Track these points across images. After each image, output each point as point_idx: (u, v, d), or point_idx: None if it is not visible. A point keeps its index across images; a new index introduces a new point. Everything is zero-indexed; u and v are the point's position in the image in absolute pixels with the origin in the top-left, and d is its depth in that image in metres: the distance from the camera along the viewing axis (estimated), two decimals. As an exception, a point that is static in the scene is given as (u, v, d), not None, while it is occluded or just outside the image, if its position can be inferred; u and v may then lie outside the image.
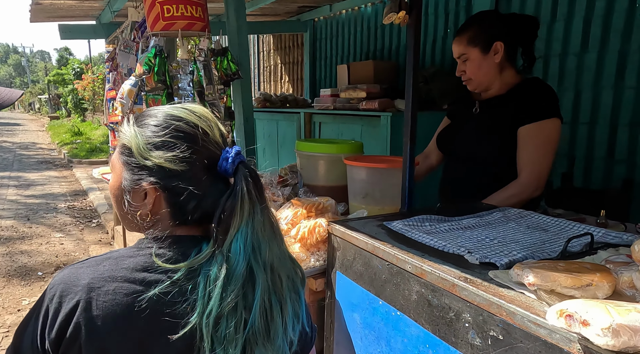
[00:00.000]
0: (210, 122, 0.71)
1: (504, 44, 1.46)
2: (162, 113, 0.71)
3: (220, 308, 0.60)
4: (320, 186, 1.89)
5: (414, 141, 1.37)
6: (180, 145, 0.67)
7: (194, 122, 0.69)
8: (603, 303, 0.55)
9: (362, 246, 1.07)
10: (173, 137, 0.67)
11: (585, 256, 0.94)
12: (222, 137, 0.71)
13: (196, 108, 0.73)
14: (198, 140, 0.68)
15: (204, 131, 0.69)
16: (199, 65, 1.96)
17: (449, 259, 0.93)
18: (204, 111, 0.73)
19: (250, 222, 0.65)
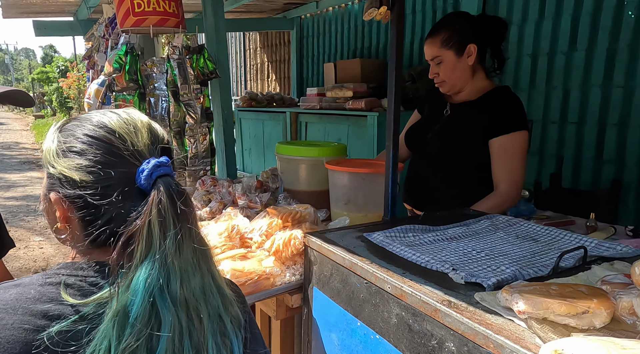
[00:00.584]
0: (136, 128, 0.61)
1: (477, 47, 1.45)
2: (86, 118, 0.62)
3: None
4: (301, 191, 1.80)
5: (397, 145, 1.29)
6: (88, 153, 0.58)
7: (113, 127, 0.60)
8: (604, 342, 0.47)
9: (339, 261, 0.99)
10: (83, 142, 0.58)
11: (579, 272, 0.87)
12: (152, 146, 0.61)
13: (127, 112, 0.63)
14: (112, 148, 0.59)
15: (121, 137, 0.59)
16: (173, 64, 1.85)
17: (432, 278, 0.85)
18: (133, 117, 0.63)
19: (159, 249, 0.54)
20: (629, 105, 2.61)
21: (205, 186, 1.71)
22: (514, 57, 3.21)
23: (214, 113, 2.24)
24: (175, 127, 1.92)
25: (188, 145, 1.95)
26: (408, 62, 4.11)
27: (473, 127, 1.48)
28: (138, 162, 0.58)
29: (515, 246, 1.09)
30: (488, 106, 1.46)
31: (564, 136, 2.98)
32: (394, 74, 1.23)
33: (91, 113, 0.63)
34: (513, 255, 1.02)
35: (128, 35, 1.79)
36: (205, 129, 1.98)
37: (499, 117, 1.43)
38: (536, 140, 3.15)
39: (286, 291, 1.14)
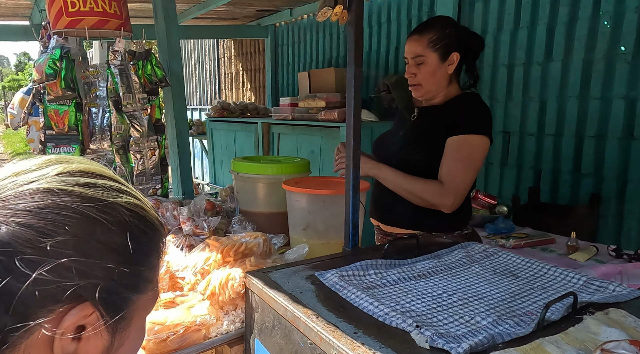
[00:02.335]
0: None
1: (459, 56, 1.39)
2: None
3: None
4: (258, 213, 1.61)
5: (358, 164, 1.12)
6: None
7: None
8: None
9: (281, 312, 0.81)
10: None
11: (569, 327, 0.71)
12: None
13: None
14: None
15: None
16: (114, 71, 1.64)
17: (391, 340, 0.67)
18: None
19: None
20: (606, 117, 2.54)
21: (147, 209, 1.50)
22: (489, 67, 3.12)
23: (167, 125, 2.04)
24: (118, 141, 1.71)
25: (133, 161, 1.74)
26: (384, 71, 4.01)
27: (434, 129, 1.41)
28: None
29: (492, 285, 0.93)
30: (452, 108, 1.40)
31: (541, 149, 2.89)
32: (353, 83, 1.06)
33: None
34: (490, 299, 0.86)
35: (61, 38, 1.58)
36: (154, 143, 1.78)
37: (460, 118, 1.36)
38: (514, 153, 3.05)
39: (224, 343, 0.95)
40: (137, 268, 0.42)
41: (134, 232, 0.41)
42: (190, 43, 7.38)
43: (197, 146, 6.80)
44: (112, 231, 0.39)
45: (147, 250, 0.43)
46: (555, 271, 0.98)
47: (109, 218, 0.39)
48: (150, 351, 0.82)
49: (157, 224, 0.45)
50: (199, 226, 1.37)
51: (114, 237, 0.40)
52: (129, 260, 0.41)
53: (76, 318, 0.37)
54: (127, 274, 0.41)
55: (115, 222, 0.40)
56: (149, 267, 0.44)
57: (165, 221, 1.44)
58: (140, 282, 0.43)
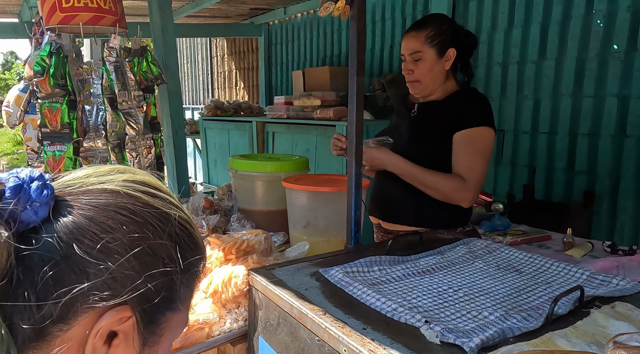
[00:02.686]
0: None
1: (456, 52, 1.41)
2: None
3: None
4: (257, 211, 1.60)
5: (361, 161, 1.11)
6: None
7: None
8: None
9: (286, 309, 0.80)
10: None
11: (577, 321, 0.71)
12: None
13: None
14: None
15: None
16: (109, 68, 1.62)
17: (400, 336, 0.67)
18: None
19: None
20: (599, 115, 2.56)
21: (145, 208, 1.48)
22: (484, 66, 3.14)
23: (163, 123, 2.01)
24: (114, 139, 1.69)
25: (129, 159, 1.71)
26: (378, 70, 4.01)
27: (438, 124, 1.41)
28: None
29: (497, 280, 0.93)
30: (454, 103, 1.41)
31: (535, 147, 2.91)
32: (355, 79, 1.06)
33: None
34: (495, 294, 0.86)
35: (54, 34, 1.55)
36: (150, 142, 1.75)
37: (464, 112, 1.37)
38: (508, 150, 3.07)
39: (227, 341, 0.93)
40: (177, 284, 0.42)
41: (182, 247, 0.42)
42: (183, 42, 7.32)
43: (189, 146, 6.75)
44: (163, 240, 0.40)
45: (189, 268, 0.43)
46: (558, 266, 0.99)
47: (163, 227, 0.41)
48: (153, 351, 0.81)
49: (201, 245, 0.46)
50: (198, 224, 1.35)
51: (165, 247, 0.41)
52: (173, 273, 0.41)
53: (113, 319, 0.37)
54: (169, 287, 0.41)
55: (168, 232, 0.41)
56: (187, 287, 0.44)
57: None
58: (177, 299, 0.42)
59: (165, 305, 0.41)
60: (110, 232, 0.37)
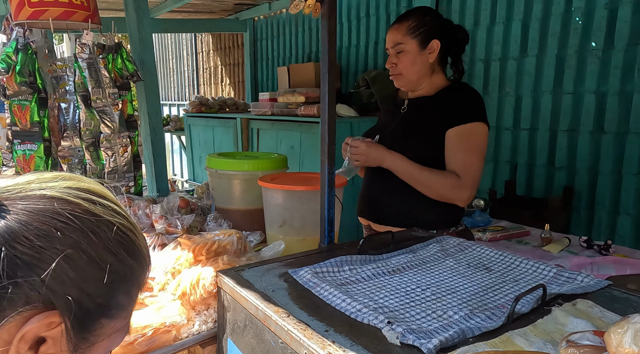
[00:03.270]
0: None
1: (440, 45, 1.37)
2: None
3: None
4: (234, 210, 1.59)
5: (333, 159, 1.11)
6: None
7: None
8: None
9: (252, 311, 0.79)
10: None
11: (538, 319, 0.71)
12: None
13: None
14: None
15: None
16: (82, 64, 1.58)
17: (362, 337, 0.67)
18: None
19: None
20: (578, 111, 2.60)
21: (119, 208, 1.45)
22: (466, 63, 3.15)
23: (140, 121, 1.98)
24: (88, 137, 1.65)
25: (104, 158, 1.68)
26: (363, 66, 4.00)
27: (429, 121, 1.37)
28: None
29: (466, 279, 0.93)
30: (446, 99, 1.36)
31: (517, 143, 2.94)
32: (327, 77, 1.05)
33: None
34: (463, 292, 0.86)
35: (22, 29, 1.51)
36: (126, 140, 1.72)
37: (456, 107, 1.33)
38: (491, 147, 3.10)
39: (196, 343, 0.93)
40: (114, 291, 0.42)
41: (120, 254, 0.42)
42: (168, 37, 7.21)
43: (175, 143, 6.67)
44: (100, 247, 0.40)
45: (130, 276, 0.43)
46: (527, 264, 0.99)
47: (101, 234, 0.41)
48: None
49: (144, 255, 0.46)
50: (172, 224, 1.34)
51: (102, 254, 0.40)
52: (110, 280, 0.41)
53: (40, 324, 0.36)
54: (104, 294, 0.40)
55: (106, 239, 0.41)
56: (127, 294, 0.43)
57: (137, 219, 1.40)
58: (114, 307, 0.42)
59: (99, 312, 0.41)
60: (44, 238, 0.37)
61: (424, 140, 1.38)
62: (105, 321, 0.41)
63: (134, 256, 0.44)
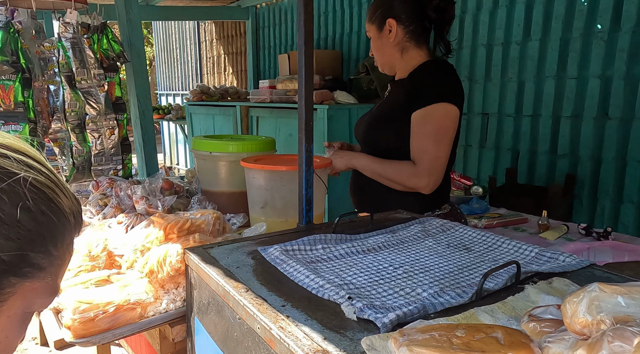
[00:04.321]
0: None
1: (397, 23, 1.29)
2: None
3: None
4: (219, 193, 1.56)
5: (311, 137, 1.07)
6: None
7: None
8: None
9: (214, 287, 0.76)
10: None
11: (508, 296, 0.67)
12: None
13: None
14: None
15: None
16: (66, 44, 1.56)
17: (320, 312, 0.63)
18: None
19: None
20: (582, 97, 2.52)
21: (101, 188, 1.44)
22: (468, 47, 3.07)
23: (130, 105, 1.96)
24: (74, 119, 1.64)
25: (91, 140, 1.66)
26: (364, 53, 3.93)
27: (398, 104, 1.31)
28: None
29: (442, 258, 0.89)
30: (415, 79, 1.29)
31: (519, 130, 2.87)
32: (303, 50, 1.01)
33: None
34: (437, 271, 0.82)
35: (4, 7, 1.49)
36: (113, 122, 1.70)
37: (422, 88, 1.25)
38: (492, 134, 3.03)
39: (164, 322, 0.90)
40: (24, 248, 0.39)
41: (30, 209, 0.39)
42: (172, 27, 7.18)
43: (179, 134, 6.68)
44: (6, 201, 0.37)
45: (45, 234, 0.40)
46: (509, 244, 0.95)
47: (6, 187, 0.38)
48: (77, 332, 0.77)
49: (66, 213, 0.43)
50: (153, 205, 1.32)
51: (7, 209, 0.37)
52: (16, 236, 0.38)
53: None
54: (10, 250, 0.38)
55: (12, 192, 0.38)
56: (44, 253, 0.41)
57: (119, 200, 1.38)
58: (26, 266, 0.39)
59: (8, 270, 0.38)
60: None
61: (389, 125, 1.32)
62: (15, 280, 0.39)
63: (50, 214, 0.41)
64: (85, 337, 0.78)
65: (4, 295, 0.39)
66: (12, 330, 0.41)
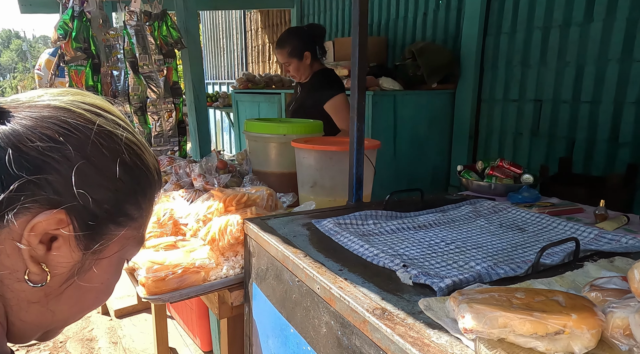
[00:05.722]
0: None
1: (310, 51, 2.07)
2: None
3: None
4: (270, 173, 1.62)
5: (363, 117, 1.09)
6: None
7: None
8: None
9: (273, 253, 0.81)
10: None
11: (566, 272, 0.67)
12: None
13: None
14: None
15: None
16: (130, 31, 1.67)
17: (375, 277, 0.66)
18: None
19: None
20: (649, 81, 2.34)
21: (162, 166, 1.54)
22: (522, 31, 2.94)
23: (185, 89, 2.06)
24: (136, 102, 1.75)
25: (151, 122, 1.78)
26: (411, 39, 3.86)
27: (306, 100, 2.09)
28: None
29: (495, 236, 0.89)
30: (315, 82, 2.10)
31: (576, 117, 2.72)
32: (357, 29, 1.02)
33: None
34: (490, 248, 0.83)
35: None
36: (171, 105, 1.81)
37: (324, 88, 2.05)
38: (546, 121, 2.89)
39: (224, 287, 0.97)
40: (120, 200, 0.43)
41: (126, 164, 0.43)
42: (219, 17, 7.38)
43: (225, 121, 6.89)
44: (104, 155, 0.42)
45: (136, 187, 0.45)
46: (565, 225, 0.93)
47: (104, 143, 0.42)
48: (149, 289, 0.86)
49: (152, 169, 0.47)
50: (210, 182, 1.39)
51: (105, 161, 0.42)
52: (114, 187, 0.42)
53: (49, 220, 0.38)
54: (109, 200, 0.42)
55: (110, 148, 0.42)
56: (135, 205, 0.45)
57: (177, 177, 1.47)
58: (122, 215, 0.44)
59: (107, 217, 0.42)
60: (48, 142, 0.39)
61: (312, 113, 1.94)
62: (113, 227, 0.43)
63: (139, 169, 0.45)
64: (156, 294, 0.86)
65: (105, 241, 0.43)
66: (111, 272, 0.46)
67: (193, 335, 2.17)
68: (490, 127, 3.18)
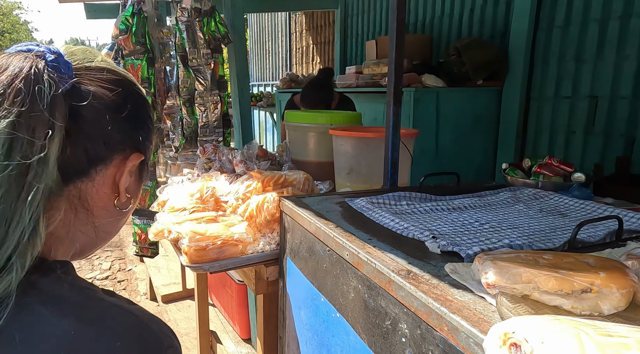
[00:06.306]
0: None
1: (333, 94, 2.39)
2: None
3: None
4: (308, 162, 1.66)
5: (400, 100, 1.10)
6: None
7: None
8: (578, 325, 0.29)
9: (306, 226, 0.84)
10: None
11: (607, 249, 0.64)
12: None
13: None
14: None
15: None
16: (181, 27, 1.78)
17: (403, 246, 0.67)
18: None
19: None
20: None
21: (207, 154, 1.62)
22: (577, 24, 2.79)
23: (230, 82, 2.16)
24: (185, 94, 1.86)
25: (198, 113, 1.88)
26: (456, 35, 3.77)
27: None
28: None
29: (534, 219, 0.87)
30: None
31: (636, 114, 2.54)
32: (395, 15, 1.04)
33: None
34: (526, 229, 0.81)
35: (137, -4, 1.74)
36: (217, 98, 1.90)
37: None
38: (602, 118, 2.72)
39: (260, 262, 1.01)
40: (152, 140, 0.56)
41: (145, 108, 0.55)
42: (265, 20, 7.59)
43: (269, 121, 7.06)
44: (146, 103, 0.55)
45: (151, 127, 0.57)
46: (612, 212, 0.89)
47: (143, 94, 0.55)
48: (192, 258, 0.91)
49: (153, 119, 0.61)
50: (250, 168, 1.45)
51: (146, 106, 0.55)
52: (151, 124, 0.56)
53: (134, 161, 0.51)
54: (150, 132, 0.55)
55: (143, 99, 0.55)
56: (147, 140, 0.56)
57: (221, 164, 1.55)
58: (151, 140, 0.56)
59: (149, 143, 0.55)
60: (124, 101, 0.49)
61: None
62: (150, 147, 0.56)
63: (150, 116, 0.57)
64: (197, 263, 0.92)
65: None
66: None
67: (233, 323, 2.26)
68: (539, 125, 3.04)
